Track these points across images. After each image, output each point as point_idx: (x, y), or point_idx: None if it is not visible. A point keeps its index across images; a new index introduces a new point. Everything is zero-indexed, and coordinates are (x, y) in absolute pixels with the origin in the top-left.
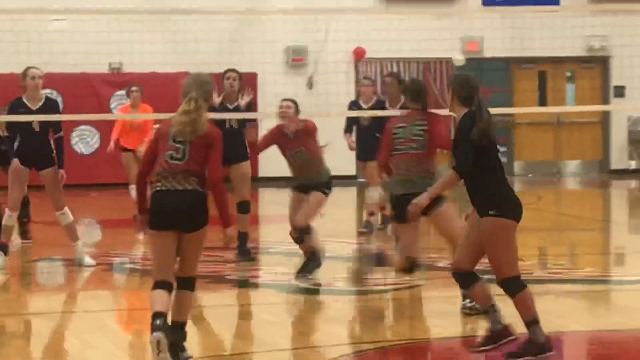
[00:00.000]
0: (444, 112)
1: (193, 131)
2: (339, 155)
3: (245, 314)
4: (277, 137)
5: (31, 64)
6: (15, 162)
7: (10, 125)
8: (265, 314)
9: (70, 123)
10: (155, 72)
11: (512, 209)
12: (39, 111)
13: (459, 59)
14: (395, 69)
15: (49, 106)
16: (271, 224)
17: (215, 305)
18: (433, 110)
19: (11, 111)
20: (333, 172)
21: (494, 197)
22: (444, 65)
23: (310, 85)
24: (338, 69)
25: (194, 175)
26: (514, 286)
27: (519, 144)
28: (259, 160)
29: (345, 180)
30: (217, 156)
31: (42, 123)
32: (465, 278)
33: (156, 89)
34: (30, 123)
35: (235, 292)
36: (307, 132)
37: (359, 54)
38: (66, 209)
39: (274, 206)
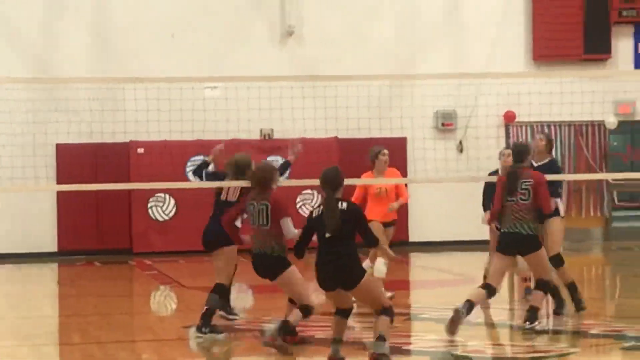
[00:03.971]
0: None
1: None
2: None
3: None
4: None
5: (184, 131)
6: None
7: None
8: None
9: None
10: (305, 137)
11: None
12: None
13: (611, 122)
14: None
15: None
16: (422, 289)
17: None
18: None
19: None
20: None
21: None
22: (596, 128)
23: (460, 149)
24: (488, 133)
25: None
26: None
27: None
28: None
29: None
30: None
31: None
32: None
33: (306, 155)
34: None
35: None
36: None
37: (509, 118)
38: None
39: (424, 271)
